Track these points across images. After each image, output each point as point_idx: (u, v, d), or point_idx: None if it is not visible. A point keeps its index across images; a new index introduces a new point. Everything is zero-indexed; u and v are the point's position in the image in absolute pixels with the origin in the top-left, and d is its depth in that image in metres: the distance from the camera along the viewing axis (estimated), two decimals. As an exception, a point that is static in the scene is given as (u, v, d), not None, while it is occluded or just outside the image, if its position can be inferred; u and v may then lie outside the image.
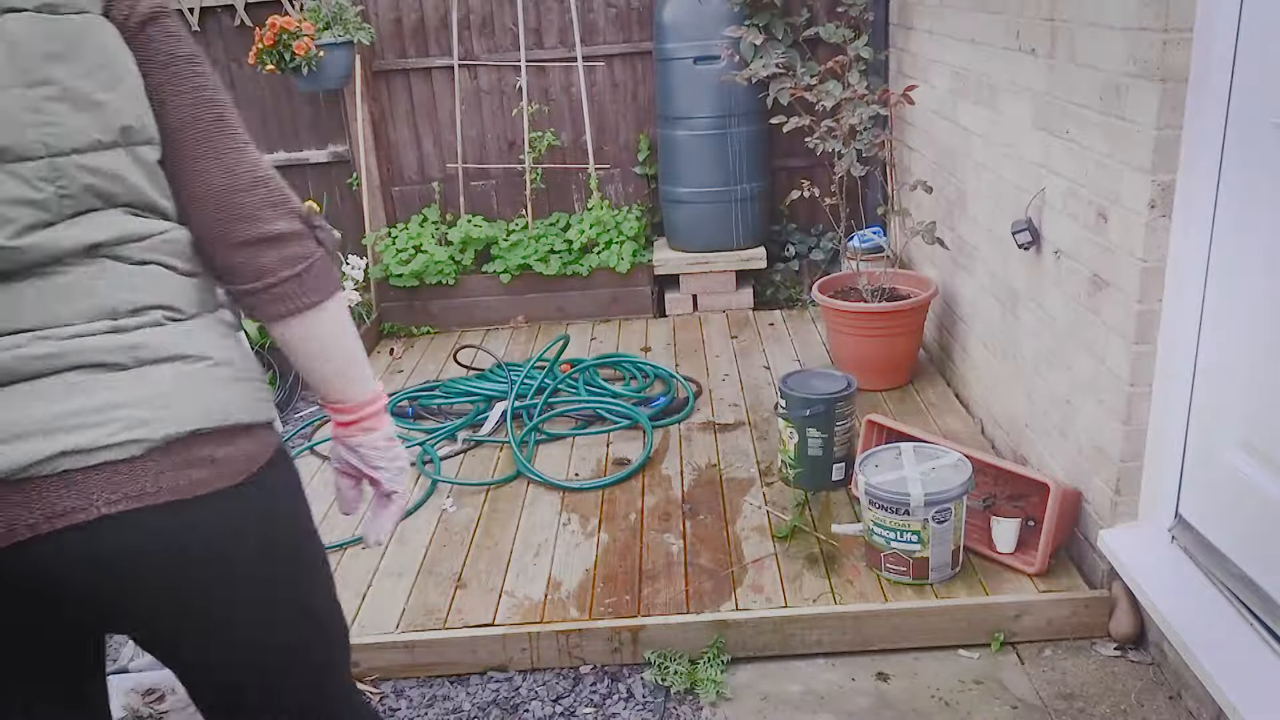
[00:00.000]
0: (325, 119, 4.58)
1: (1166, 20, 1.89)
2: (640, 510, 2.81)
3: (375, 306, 4.49)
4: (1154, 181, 1.98)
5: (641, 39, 4.49)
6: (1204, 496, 2.06)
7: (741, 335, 4.16)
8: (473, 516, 2.86)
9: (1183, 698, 2.08)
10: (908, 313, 3.38)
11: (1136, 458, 2.18)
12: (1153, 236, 2.02)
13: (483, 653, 2.32)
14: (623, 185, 4.67)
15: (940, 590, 2.33)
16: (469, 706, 2.23)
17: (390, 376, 4.02)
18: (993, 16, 2.83)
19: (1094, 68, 2.19)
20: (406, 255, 4.42)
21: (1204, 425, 2.03)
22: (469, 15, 4.47)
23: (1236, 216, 1.88)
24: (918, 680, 2.19)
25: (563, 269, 4.41)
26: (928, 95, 3.55)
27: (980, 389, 3.15)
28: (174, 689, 2.28)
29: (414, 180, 4.68)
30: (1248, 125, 1.82)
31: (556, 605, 2.41)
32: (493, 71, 4.54)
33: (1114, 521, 2.24)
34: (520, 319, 4.52)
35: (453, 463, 3.19)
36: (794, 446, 2.71)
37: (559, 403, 3.48)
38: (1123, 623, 2.22)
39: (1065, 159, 2.38)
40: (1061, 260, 2.43)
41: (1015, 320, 2.79)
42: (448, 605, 2.44)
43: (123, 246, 1.09)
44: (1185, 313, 2.02)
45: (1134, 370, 2.12)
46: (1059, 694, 2.12)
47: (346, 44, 4.17)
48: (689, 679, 2.21)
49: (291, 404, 3.97)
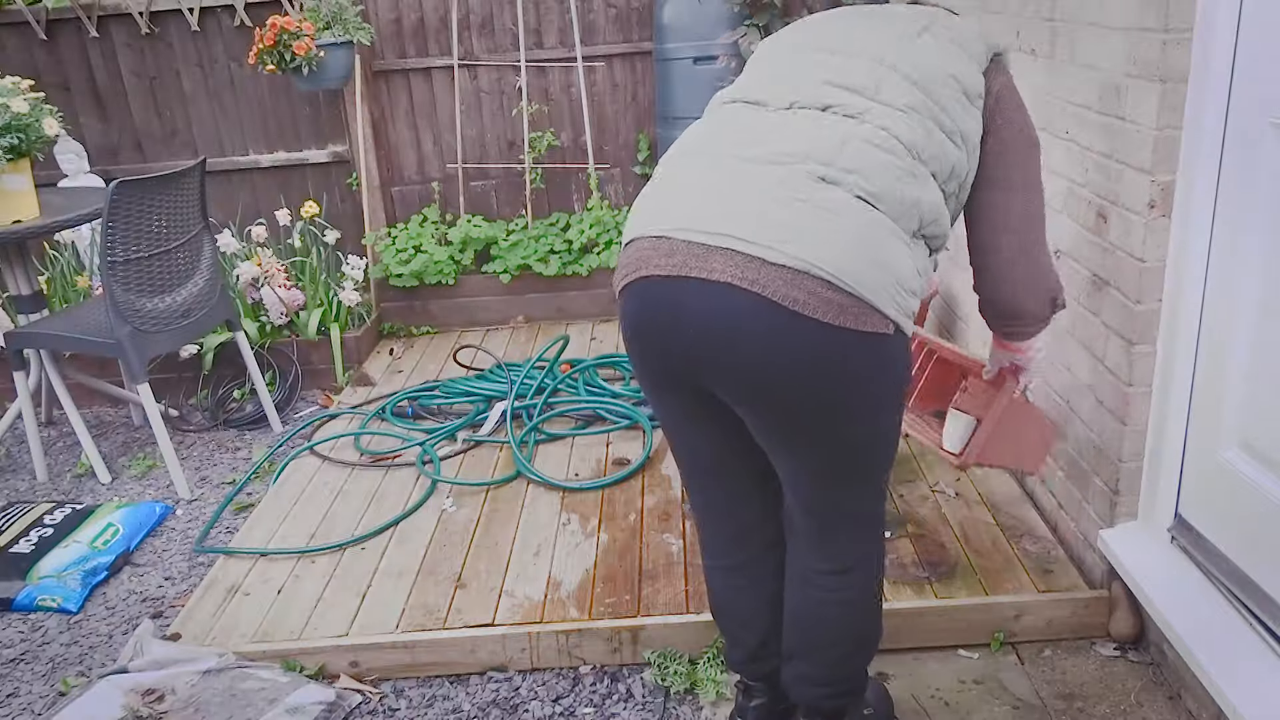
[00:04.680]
0: (325, 119, 4.58)
1: (1166, 20, 1.89)
2: (640, 510, 2.82)
3: (375, 306, 4.49)
4: (1153, 181, 1.98)
5: (641, 39, 4.49)
6: (1204, 496, 2.06)
7: (741, 335, 4.15)
8: (473, 516, 2.86)
9: (1182, 698, 2.08)
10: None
11: (1136, 458, 2.18)
12: (1152, 236, 2.02)
13: (482, 653, 2.32)
14: (623, 185, 4.67)
15: (940, 590, 2.33)
16: (469, 706, 2.23)
17: (390, 376, 4.02)
18: (993, 16, 2.83)
19: (1094, 68, 2.19)
20: (406, 255, 4.42)
21: (1204, 425, 2.03)
22: (469, 15, 4.47)
23: (1236, 216, 1.88)
24: (917, 680, 2.19)
25: (563, 269, 4.41)
26: (927, 95, 3.54)
27: (980, 389, 3.15)
28: (173, 689, 2.29)
29: (414, 180, 4.68)
30: (1247, 125, 1.83)
31: (556, 605, 2.41)
32: (493, 71, 4.54)
33: (1114, 521, 2.24)
34: (520, 319, 4.52)
35: (453, 463, 3.20)
36: (794, 446, 2.71)
37: (559, 403, 3.48)
38: (1122, 623, 2.22)
39: (1065, 159, 2.38)
40: (1061, 260, 2.43)
41: (1015, 320, 2.78)
42: (447, 605, 2.44)
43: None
44: (1185, 313, 2.02)
45: (1133, 370, 2.12)
46: (1059, 694, 2.12)
47: (346, 44, 4.17)
48: (689, 679, 2.21)
49: (291, 404, 3.97)
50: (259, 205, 4.65)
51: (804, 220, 1.42)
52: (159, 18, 4.40)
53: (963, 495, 2.74)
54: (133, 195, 3.06)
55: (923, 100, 1.53)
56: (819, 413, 1.51)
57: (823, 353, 1.43)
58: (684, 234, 1.47)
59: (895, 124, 1.51)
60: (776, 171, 1.47)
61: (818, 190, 1.44)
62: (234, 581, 2.63)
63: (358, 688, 2.28)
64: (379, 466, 3.21)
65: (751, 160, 1.50)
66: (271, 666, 2.29)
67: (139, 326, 3.16)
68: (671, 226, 1.49)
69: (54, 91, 4.40)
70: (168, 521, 3.15)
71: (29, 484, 3.49)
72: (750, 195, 1.46)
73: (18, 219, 3.23)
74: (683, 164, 1.60)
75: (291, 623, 2.43)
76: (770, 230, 1.42)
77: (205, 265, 3.46)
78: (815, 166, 1.46)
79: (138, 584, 2.82)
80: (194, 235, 3.38)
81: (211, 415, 3.89)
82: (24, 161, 3.22)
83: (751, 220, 1.43)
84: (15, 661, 2.52)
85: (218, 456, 3.59)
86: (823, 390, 1.47)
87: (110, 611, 2.70)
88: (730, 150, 1.54)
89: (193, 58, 4.48)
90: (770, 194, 1.45)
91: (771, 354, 1.43)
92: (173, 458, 3.29)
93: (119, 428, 3.89)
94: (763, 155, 1.50)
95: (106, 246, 3.04)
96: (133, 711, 2.20)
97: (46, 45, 4.44)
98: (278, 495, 3.07)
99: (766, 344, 1.43)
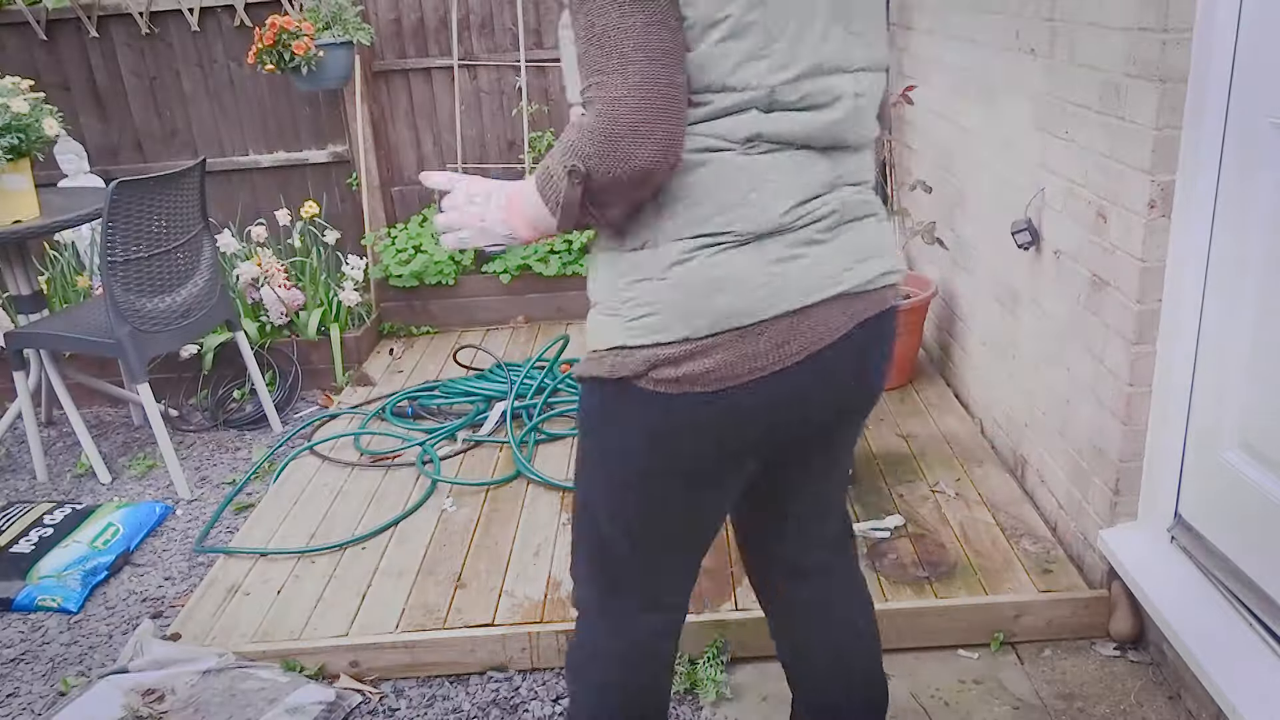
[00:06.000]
0: (325, 119, 4.58)
1: (1166, 20, 1.89)
2: (640, 510, 2.81)
3: (375, 306, 4.49)
4: (1153, 181, 1.98)
5: (641, 39, 4.48)
6: (1203, 496, 2.06)
7: (741, 335, 4.16)
8: (472, 516, 2.86)
9: (1182, 698, 2.08)
10: (907, 313, 3.38)
11: (1136, 458, 2.18)
12: (1152, 236, 2.02)
13: (482, 653, 2.32)
14: (622, 185, 4.66)
15: (940, 590, 2.33)
16: (469, 706, 2.23)
17: (390, 376, 4.02)
18: (993, 16, 2.83)
19: (1093, 68, 2.19)
20: (406, 255, 4.42)
21: (1203, 425, 2.03)
22: (469, 15, 4.47)
23: (1236, 216, 1.88)
24: (917, 680, 2.19)
25: (563, 269, 4.41)
26: (928, 95, 3.55)
27: (980, 389, 3.15)
28: (173, 689, 2.29)
29: (414, 180, 4.68)
30: (1247, 125, 1.83)
31: (556, 605, 2.41)
32: (492, 71, 4.54)
33: (1113, 521, 2.24)
34: (520, 319, 4.52)
35: (453, 463, 3.20)
36: (794, 446, 2.71)
37: (559, 403, 3.48)
38: (1122, 623, 2.22)
39: (1065, 159, 2.38)
40: (1061, 260, 2.43)
41: (1015, 320, 2.79)
42: (447, 605, 2.44)
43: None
44: (1185, 313, 2.02)
45: (1133, 370, 2.12)
46: (1059, 694, 2.12)
47: (346, 44, 4.17)
48: (689, 679, 2.21)
49: (291, 404, 3.97)
50: (259, 205, 4.65)
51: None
52: (159, 18, 4.40)
53: (963, 495, 2.74)
54: (133, 195, 3.06)
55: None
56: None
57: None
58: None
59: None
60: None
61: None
62: (234, 581, 2.63)
63: (358, 688, 2.28)
64: (379, 466, 3.21)
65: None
66: (271, 666, 2.29)
67: (139, 326, 3.16)
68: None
69: (54, 91, 4.40)
70: (168, 521, 3.15)
71: (29, 484, 3.49)
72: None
73: (18, 219, 3.23)
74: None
75: (291, 623, 2.43)
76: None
77: (205, 265, 3.46)
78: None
79: (138, 584, 2.82)
80: (194, 235, 3.38)
81: (211, 415, 3.89)
82: (24, 161, 3.22)
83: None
84: (15, 661, 2.52)
85: (218, 456, 3.59)
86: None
87: (110, 611, 2.70)
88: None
89: (193, 58, 4.48)
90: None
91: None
92: (173, 458, 3.29)
93: (119, 428, 3.89)
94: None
95: (106, 246, 3.04)
96: (133, 711, 2.20)
97: (46, 45, 4.43)
98: (278, 495, 3.07)
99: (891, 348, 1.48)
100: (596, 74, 1.19)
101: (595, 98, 1.20)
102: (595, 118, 1.19)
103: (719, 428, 1.34)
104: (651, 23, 1.18)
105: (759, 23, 1.22)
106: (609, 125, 1.18)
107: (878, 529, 2.59)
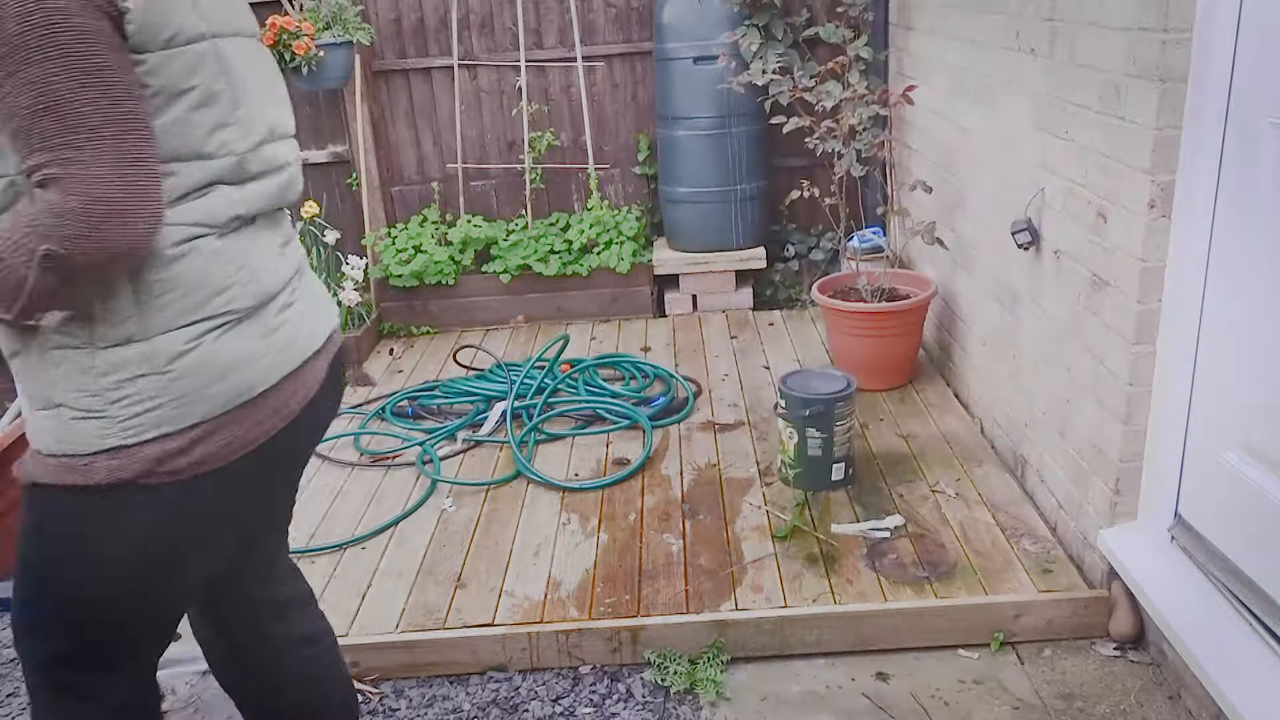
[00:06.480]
0: (325, 119, 4.58)
1: (1166, 20, 1.89)
2: (640, 510, 2.81)
3: (375, 306, 4.49)
4: (1153, 181, 1.98)
5: (641, 39, 4.49)
6: (1204, 497, 2.06)
7: (741, 335, 4.16)
8: (472, 516, 2.86)
9: (1182, 698, 2.08)
10: (907, 313, 3.38)
11: (1136, 458, 2.18)
12: (1152, 236, 2.02)
13: (482, 653, 2.32)
14: (622, 185, 4.67)
15: (940, 590, 2.33)
16: (469, 706, 2.23)
17: (390, 376, 4.02)
18: (993, 16, 2.83)
19: (1093, 68, 2.19)
20: (406, 255, 4.42)
21: (1204, 425, 2.03)
22: (469, 15, 4.47)
23: (1236, 216, 1.88)
24: (917, 680, 2.19)
25: (563, 269, 4.41)
26: (928, 95, 3.55)
27: (980, 389, 3.15)
28: (173, 689, 2.29)
29: (414, 180, 4.68)
30: (1247, 125, 1.82)
31: (556, 605, 2.41)
32: (492, 71, 4.54)
33: (1113, 521, 2.24)
34: (520, 319, 4.52)
35: (453, 463, 3.19)
36: (793, 446, 2.71)
37: (559, 403, 3.48)
38: (1122, 623, 2.22)
39: (1065, 159, 2.38)
40: (1061, 260, 2.43)
41: (1015, 320, 2.79)
42: (447, 605, 2.44)
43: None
44: (1185, 313, 2.02)
45: (1133, 370, 2.12)
46: (1059, 694, 2.12)
47: (346, 44, 4.17)
48: (688, 679, 2.21)
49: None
50: (259, 205, 4.64)
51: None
52: (159, 18, 4.40)
53: (962, 495, 2.74)
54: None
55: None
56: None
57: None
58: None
59: None
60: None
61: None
62: (234, 581, 2.62)
63: (358, 688, 2.28)
64: (379, 466, 3.21)
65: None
66: (271, 666, 2.29)
67: (138, 326, 3.15)
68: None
69: (54, 91, 4.40)
70: (167, 521, 3.14)
71: (29, 484, 3.48)
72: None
73: (17, 219, 3.23)
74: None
75: (291, 623, 2.43)
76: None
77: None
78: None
79: (137, 584, 2.82)
80: (193, 235, 3.38)
81: (211, 415, 3.88)
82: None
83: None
84: (15, 661, 2.52)
85: (218, 456, 3.59)
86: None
87: (110, 611, 2.70)
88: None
89: (193, 58, 4.47)
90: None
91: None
92: (172, 458, 3.28)
93: (119, 428, 3.89)
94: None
95: (106, 246, 3.03)
96: (132, 711, 2.20)
97: (46, 45, 4.43)
98: (277, 495, 3.07)
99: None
100: (59, 148, 1.09)
101: (63, 175, 1.09)
102: (68, 197, 1.09)
103: (233, 494, 1.37)
104: (116, 93, 1.11)
105: (226, 90, 1.25)
106: (86, 205, 1.09)
107: (878, 529, 2.59)
